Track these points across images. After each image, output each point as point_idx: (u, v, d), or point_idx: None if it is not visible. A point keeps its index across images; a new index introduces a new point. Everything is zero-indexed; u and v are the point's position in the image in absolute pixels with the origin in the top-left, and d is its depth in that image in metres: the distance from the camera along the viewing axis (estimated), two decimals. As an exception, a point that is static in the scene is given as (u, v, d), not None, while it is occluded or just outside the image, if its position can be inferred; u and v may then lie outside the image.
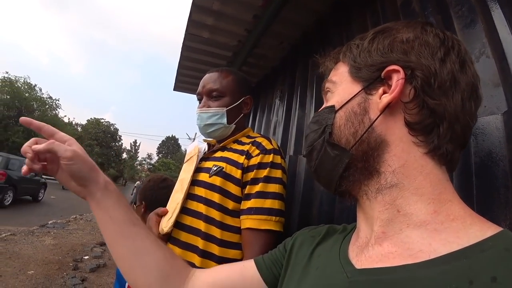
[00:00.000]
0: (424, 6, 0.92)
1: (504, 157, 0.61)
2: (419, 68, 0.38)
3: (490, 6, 0.71)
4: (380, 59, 0.40)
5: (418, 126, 0.38)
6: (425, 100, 0.37)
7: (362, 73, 0.42)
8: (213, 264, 0.88)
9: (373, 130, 0.40)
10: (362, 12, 1.23)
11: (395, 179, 0.38)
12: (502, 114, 0.63)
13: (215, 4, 1.56)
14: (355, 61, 0.43)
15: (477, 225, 0.34)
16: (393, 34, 0.41)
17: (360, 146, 0.40)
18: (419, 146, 0.38)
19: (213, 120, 1.04)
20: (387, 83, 0.40)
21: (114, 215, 0.56)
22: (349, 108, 0.42)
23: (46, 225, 6.42)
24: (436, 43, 0.39)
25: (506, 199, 0.58)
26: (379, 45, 0.41)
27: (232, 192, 0.94)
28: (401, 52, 0.39)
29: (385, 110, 0.39)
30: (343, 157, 0.41)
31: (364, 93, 0.42)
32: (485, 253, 0.30)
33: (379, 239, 0.38)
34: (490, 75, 0.69)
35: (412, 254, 0.34)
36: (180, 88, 2.93)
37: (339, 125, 0.42)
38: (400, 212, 0.37)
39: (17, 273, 3.54)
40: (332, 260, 0.43)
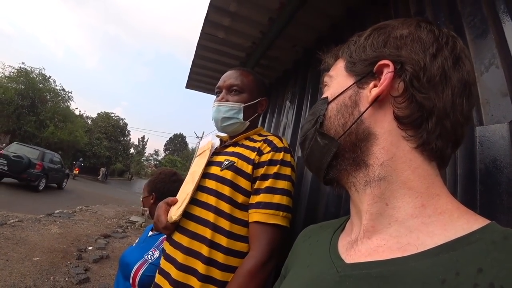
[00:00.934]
0: (437, 15, 0.94)
1: (508, 164, 0.62)
2: (408, 62, 0.39)
3: (501, 18, 0.73)
4: (373, 54, 0.42)
5: (407, 120, 0.38)
6: (414, 94, 0.38)
7: (356, 68, 0.44)
8: (220, 254, 0.91)
9: (362, 122, 0.41)
10: (376, 18, 1.25)
11: (383, 172, 0.39)
12: (508, 123, 0.65)
13: (232, 6, 1.60)
14: (351, 56, 0.45)
15: (464, 218, 0.35)
16: (388, 31, 0.43)
17: (348, 137, 0.41)
18: (408, 140, 0.39)
19: (230, 114, 1.08)
20: (378, 78, 0.41)
21: None
22: (341, 100, 0.44)
23: (53, 214, 6.52)
24: (429, 38, 0.40)
25: (508, 206, 0.59)
26: (374, 40, 0.43)
27: (242, 186, 0.96)
28: (393, 47, 0.40)
29: (374, 103, 0.40)
30: (331, 146, 0.42)
31: (356, 86, 0.43)
32: (472, 245, 0.31)
33: (368, 232, 0.39)
34: (499, 85, 0.71)
35: (401, 247, 0.35)
36: (192, 86, 2.97)
37: (329, 116, 0.44)
38: (389, 206, 0.38)
39: (23, 259, 3.61)
40: (322, 256, 0.44)
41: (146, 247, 1.43)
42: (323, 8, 1.51)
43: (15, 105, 20.02)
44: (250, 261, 0.87)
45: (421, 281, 0.31)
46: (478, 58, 0.78)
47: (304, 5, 1.45)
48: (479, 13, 0.81)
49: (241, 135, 1.10)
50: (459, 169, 0.71)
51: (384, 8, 1.21)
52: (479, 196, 0.65)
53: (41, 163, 10.10)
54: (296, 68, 1.98)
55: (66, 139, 22.20)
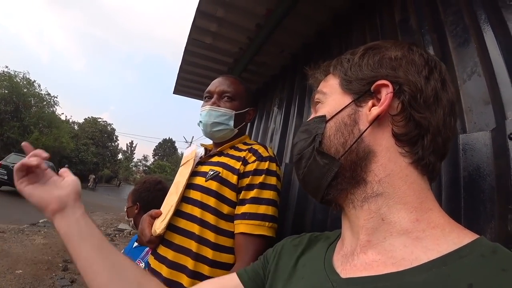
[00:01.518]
0: (421, 24, 0.96)
1: (491, 172, 0.63)
2: (406, 83, 0.40)
3: (482, 27, 0.75)
4: (371, 74, 0.43)
5: (405, 137, 0.40)
6: (412, 114, 0.40)
7: (353, 86, 0.44)
8: (206, 267, 0.89)
9: (362, 141, 0.41)
10: (362, 26, 1.26)
11: (381, 188, 0.40)
12: (490, 131, 0.66)
13: (219, 11, 1.59)
14: (346, 74, 0.45)
15: (455, 232, 0.36)
16: (382, 51, 0.44)
17: (349, 155, 0.41)
18: (404, 156, 0.40)
19: (222, 119, 1.07)
20: (376, 97, 0.42)
21: (95, 231, 0.56)
22: (340, 118, 0.44)
23: (37, 223, 6.34)
24: (421, 62, 0.42)
25: (491, 213, 0.60)
26: (370, 60, 0.44)
27: (228, 197, 0.95)
28: (390, 68, 0.42)
29: (374, 121, 0.41)
30: (332, 166, 0.42)
31: (354, 105, 0.43)
32: (463, 259, 0.32)
33: (364, 247, 0.40)
34: (481, 93, 0.72)
35: (395, 262, 0.36)
36: (180, 92, 2.95)
37: (329, 135, 0.44)
38: (384, 221, 0.39)
39: (5, 272, 3.48)
40: (317, 270, 0.44)
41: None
42: (310, 14, 1.52)
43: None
44: None
45: None
46: (461, 66, 0.80)
47: (291, 12, 1.46)
48: (461, 22, 0.82)
49: (226, 144, 1.08)
50: (444, 177, 0.71)
51: (370, 16, 1.23)
52: (463, 204, 0.65)
53: None
54: (283, 74, 1.99)
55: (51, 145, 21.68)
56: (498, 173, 0.61)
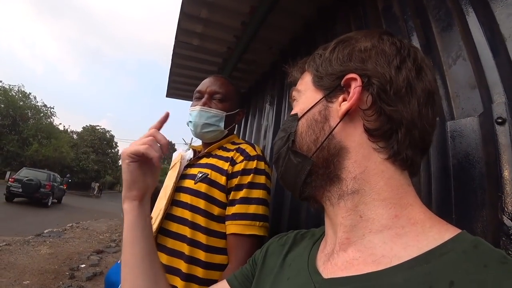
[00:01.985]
0: (404, 10, 0.94)
1: (480, 159, 0.62)
2: (375, 75, 0.39)
3: (465, 9, 0.73)
4: (339, 68, 0.41)
5: (377, 132, 0.39)
6: (382, 107, 0.38)
7: (324, 82, 0.43)
8: (199, 269, 0.89)
9: (333, 137, 0.40)
10: (346, 16, 1.24)
11: (356, 185, 0.39)
12: (478, 116, 0.64)
13: (202, 12, 1.58)
14: (317, 70, 0.44)
15: (436, 227, 0.35)
16: (352, 44, 0.42)
17: (320, 153, 0.41)
18: (379, 152, 0.39)
19: (212, 121, 1.06)
20: (347, 91, 0.41)
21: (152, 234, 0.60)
22: (311, 116, 0.43)
23: (42, 234, 6.36)
24: (392, 51, 0.40)
25: (482, 201, 0.59)
26: (339, 54, 0.42)
27: (217, 198, 0.95)
28: (359, 61, 0.40)
29: (345, 117, 0.40)
30: (305, 164, 0.42)
31: (325, 101, 0.42)
32: (444, 256, 0.31)
33: (344, 245, 0.39)
34: (467, 78, 0.70)
35: (375, 260, 0.35)
36: (173, 95, 2.93)
37: (300, 133, 0.43)
38: (363, 218, 0.38)
39: (13, 284, 3.49)
40: (301, 270, 0.43)
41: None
42: (294, 9, 1.50)
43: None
44: (229, 274, 0.85)
45: None
46: (446, 51, 0.78)
47: (274, 7, 1.44)
48: (443, 6, 0.80)
49: (215, 145, 1.08)
50: (433, 166, 0.70)
51: (353, 5, 1.20)
52: (454, 193, 0.64)
53: (50, 184, 12.33)
54: (273, 70, 1.97)
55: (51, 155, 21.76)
56: (488, 159, 0.60)
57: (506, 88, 0.60)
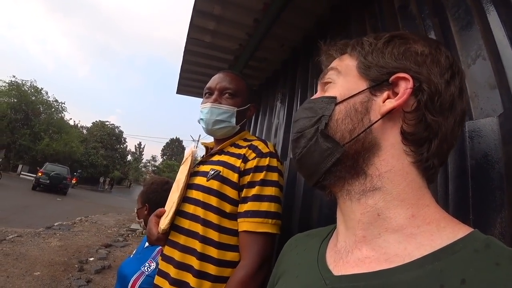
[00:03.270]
0: (421, 8, 0.92)
1: (499, 159, 0.61)
2: (427, 82, 0.39)
3: (485, 8, 0.72)
4: (393, 63, 0.40)
5: (412, 137, 0.39)
6: (425, 115, 0.38)
7: (371, 72, 0.42)
8: (211, 266, 0.89)
9: (371, 132, 0.40)
10: (361, 14, 1.23)
11: (380, 183, 0.39)
12: (498, 116, 0.63)
13: (216, 9, 1.58)
14: (366, 58, 0.43)
15: (449, 227, 0.35)
16: (409, 43, 0.42)
17: (354, 144, 0.40)
18: (408, 155, 0.39)
19: (224, 117, 1.05)
20: (393, 89, 0.40)
21: None
22: (351, 103, 0.41)
23: (52, 226, 6.47)
24: (446, 64, 0.40)
25: (501, 202, 0.58)
26: (394, 49, 0.41)
27: (229, 195, 0.95)
28: (414, 63, 0.40)
29: (386, 115, 0.39)
30: (335, 151, 0.40)
31: (369, 92, 0.41)
32: (456, 255, 0.31)
33: (359, 243, 0.39)
34: (487, 77, 0.69)
35: (388, 258, 0.35)
36: (183, 91, 2.95)
37: (336, 118, 0.41)
38: (380, 216, 0.38)
39: (24, 274, 3.58)
40: (311, 267, 0.43)
41: (142, 259, 1.41)
42: (307, 6, 1.49)
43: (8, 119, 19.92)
44: (241, 271, 0.86)
45: None
46: (465, 50, 0.77)
47: (288, 5, 1.43)
48: (463, 4, 0.79)
49: (227, 142, 1.07)
50: (450, 166, 0.69)
51: (368, 3, 1.19)
52: (472, 193, 0.63)
53: (69, 177, 15.79)
54: (285, 68, 1.97)
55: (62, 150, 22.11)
56: (507, 160, 0.59)
57: (528, 88, 0.59)
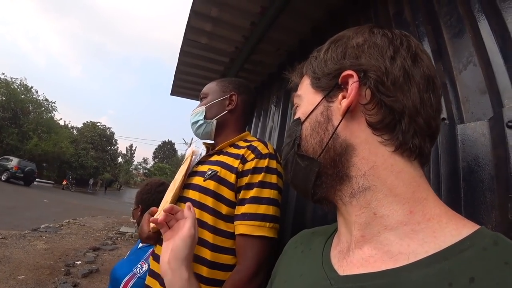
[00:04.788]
0: (415, 16, 0.95)
1: (490, 161, 0.63)
2: (370, 69, 0.39)
3: (477, 16, 0.74)
4: (335, 67, 0.42)
5: (380, 125, 0.38)
6: (382, 99, 0.38)
7: (321, 83, 0.43)
8: (204, 268, 0.88)
9: (338, 136, 0.40)
10: (357, 20, 1.26)
11: (367, 182, 0.38)
12: (488, 120, 0.66)
13: (213, 11, 1.59)
14: (314, 72, 0.45)
15: (452, 223, 0.35)
16: (345, 42, 0.43)
17: (327, 153, 0.41)
18: (385, 145, 0.39)
19: (196, 118, 1.13)
20: (345, 89, 0.41)
21: None
22: (313, 118, 0.43)
23: (38, 229, 6.33)
24: (384, 42, 0.40)
25: (492, 202, 0.60)
26: (333, 53, 0.43)
27: (226, 197, 0.93)
28: (353, 57, 0.41)
29: (346, 114, 0.40)
30: (313, 166, 0.42)
31: (325, 101, 0.43)
32: (464, 253, 0.31)
33: (359, 243, 0.39)
34: (477, 83, 0.72)
35: (392, 257, 0.35)
36: (177, 93, 2.94)
37: (305, 136, 0.43)
38: (377, 215, 0.38)
39: (7, 278, 3.48)
40: (315, 267, 0.43)
41: (135, 260, 1.40)
42: (304, 11, 1.51)
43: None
44: (236, 275, 0.84)
45: None
46: (456, 56, 0.79)
47: (285, 9, 1.45)
48: (455, 13, 0.82)
49: (226, 142, 1.07)
50: (442, 168, 0.71)
51: (364, 10, 1.22)
52: (463, 194, 0.65)
53: (36, 172, 18.54)
54: (280, 72, 1.99)
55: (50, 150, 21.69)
56: (497, 162, 0.61)
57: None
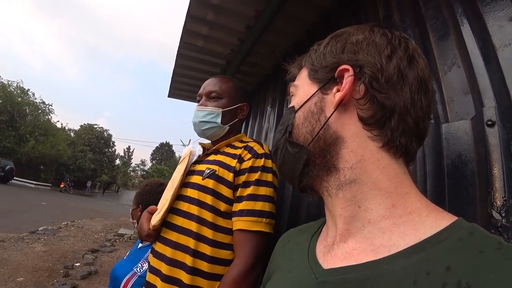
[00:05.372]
0: (403, 19, 0.99)
1: (472, 159, 0.66)
2: (366, 65, 0.40)
3: (459, 20, 0.78)
4: (333, 60, 0.43)
5: (371, 120, 0.39)
6: (374, 95, 0.39)
7: (318, 75, 0.45)
8: (204, 263, 0.91)
9: (329, 127, 0.42)
10: (348, 23, 1.29)
11: (354, 174, 0.40)
12: (470, 119, 0.69)
13: (209, 14, 1.61)
14: (313, 64, 0.46)
15: (432, 216, 0.36)
16: (345, 37, 0.44)
17: (317, 143, 0.42)
18: (374, 140, 0.40)
19: (208, 118, 1.10)
20: (340, 82, 0.42)
21: None
22: (307, 108, 0.45)
23: (37, 231, 6.30)
24: (383, 41, 0.42)
25: (473, 197, 0.63)
26: (333, 48, 0.44)
27: (224, 194, 0.97)
28: (351, 53, 0.42)
29: (339, 107, 0.41)
30: (302, 153, 0.43)
31: (320, 93, 0.44)
32: (441, 244, 0.32)
33: (344, 236, 0.40)
34: (461, 84, 0.75)
35: (374, 249, 0.36)
36: (175, 95, 2.96)
37: (297, 124, 0.45)
38: (361, 208, 0.39)
39: (6, 280, 3.47)
40: (301, 262, 0.45)
41: (135, 260, 1.42)
42: (298, 15, 1.54)
43: (-7, 121, 19.36)
44: (235, 269, 0.88)
45: (394, 283, 0.32)
46: (442, 58, 0.83)
47: (279, 12, 1.48)
48: (440, 16, 0.85)
49: (223, 142, 1.10)
50: (428, 165, 0.74)
51: (355, 13, 1.26)
52: (448, 190, 0.68)
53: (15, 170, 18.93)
54: (276, 73, 2.02)
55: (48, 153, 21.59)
56: (479, 159, 0.64)
57: (496, 94, 0.64)
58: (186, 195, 1.00)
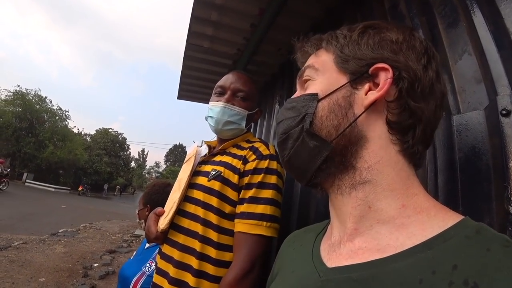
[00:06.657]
0: (410, 8, 0.95)
1: (486, 151, 0.62)
2: (406, 70, 0.38)
3: (469, 6, 0.74)
4: (371, 54, 0.40)
5: (398, 126, 0.39)
6: (408, 102, 0.38)
7: (350, 65, 0.41)
8: (210, 266, 0.90)
9: (356, 126, 0.39)
10: (353, 15, 1.26)
11: (369, 175, 0.38)
12: (484, 109, 0.65)
13: (212, 15, 1.61)
14: (343, 52, 0.42)
15: (440, 215, 0.35)
16: (383, 32, 0.41)
17: (341, 140, 0.39)
18: (394, 144, 0.39)
19: (235, 119, 1.05)
20: (373, 80, 0.40)
21: None
22: (334, 99, 0.41)
23: (57, 233, 6.51)
24: (421, 49, 0.40)
25: (489, 192, 0.59)
26: (370, 39, 0.41)
27: (229, 197, 0.95)
28: (390, 51, 0.40)
29: (370, 107, 0.39)
30: (323, 149, 0.40)
31: (350, 86, 0.41)
32: (447, 242, 0.31)
33: (351, 235, 0.39)
34: (472, 72, 0.71)
35: (380, 248, 0.35)
36: (184, 97, 2.98)
37: (321, 116, 0.41)
38: (371, 208, 0.38)
39: (29, 281, 3.60)
40: (305, 262, 0.44)
41: (143, 259, 1.43)
42: (302, 10, 1.52)
43: (13, 128, 20.17)
44: (231, 272, 0.86)
45: (400, 282, 0.31)
46: (451, 46, 0.79)
47: (283, 9, 1.46)
48: (449, 3, 0.81)
49: (229, 142, 1.07)
50: (439, 160, 0.71)
51: (360, 6, 1.22)
52: (461, 186, 0.64)
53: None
54: (282, 71, 1.99)
55: (66, 158, 22.29)
56: (494, 151, 0.61)
57: (510, 81, 0.60)
58: (192, 196, 0.99)
